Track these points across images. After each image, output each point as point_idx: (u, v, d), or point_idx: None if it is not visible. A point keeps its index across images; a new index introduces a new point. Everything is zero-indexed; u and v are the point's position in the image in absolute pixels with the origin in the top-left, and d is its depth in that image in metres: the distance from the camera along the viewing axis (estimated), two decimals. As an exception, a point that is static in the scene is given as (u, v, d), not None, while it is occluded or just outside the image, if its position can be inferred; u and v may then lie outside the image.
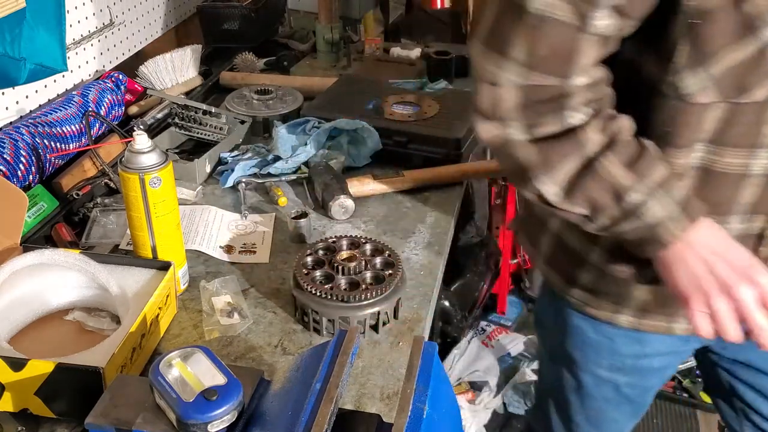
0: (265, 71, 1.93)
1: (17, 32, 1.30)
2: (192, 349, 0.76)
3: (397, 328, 1.06)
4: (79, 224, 1.28)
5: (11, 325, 0.99)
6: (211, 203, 1.36)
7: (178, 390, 0.70)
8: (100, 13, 1.66)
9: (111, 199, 1.35)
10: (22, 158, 1.27)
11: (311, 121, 1.52)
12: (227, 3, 2.02)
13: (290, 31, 2.22)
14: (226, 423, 0.70)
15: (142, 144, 1.01)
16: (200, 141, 1.56)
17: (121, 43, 1.76)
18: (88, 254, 1.03)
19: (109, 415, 0.73)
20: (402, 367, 0.98)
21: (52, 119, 1.39)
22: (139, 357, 0.95)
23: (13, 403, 0.87)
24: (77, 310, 1.05)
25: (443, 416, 0.73)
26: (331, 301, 1.02)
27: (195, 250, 1.21)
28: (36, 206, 1.25)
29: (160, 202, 1.03)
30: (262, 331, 1.06)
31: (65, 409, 0.88)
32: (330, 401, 0.68)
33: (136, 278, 1.05)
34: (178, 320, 1.07)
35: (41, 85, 1.48)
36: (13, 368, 0.85)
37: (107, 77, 1.62)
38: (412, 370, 0.72)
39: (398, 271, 1.06)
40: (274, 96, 1.67)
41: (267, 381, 0.78)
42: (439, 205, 1.37)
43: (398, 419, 0.66)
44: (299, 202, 1.38)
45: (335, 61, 1.94)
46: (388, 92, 1.64)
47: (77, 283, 1.05)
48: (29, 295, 1.02)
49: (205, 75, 1.86)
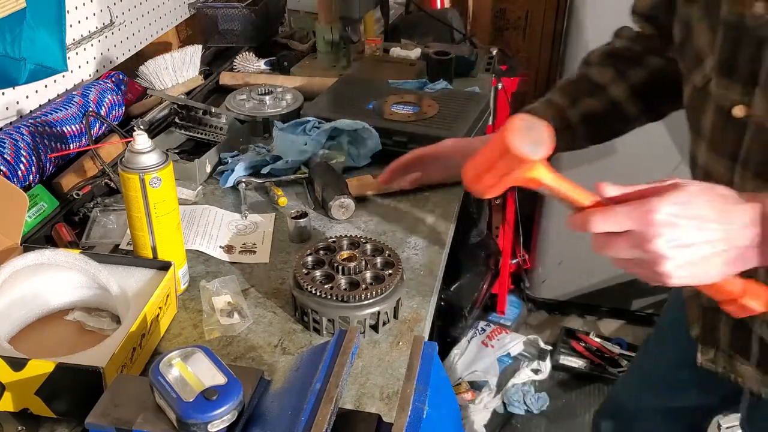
0: (265, 71, 1.93)
1: (17, 32, 1.30)
2: (192, 348, 0.76)
3: (397, 327, 1.07)
4: (79, 224, 1.28)
5: (11, 325, 1.00)
6: (211, 203, 1.36)
7: (178, 390, 0.71)
8: (101, 13, 1.66)
9: (111, 199, 1.35)
10: (22, 158, 1.27)
11: (311, 121, 1.52)
12: (227, 3, 2.02)
13: (290, 31, 2.22)
14: (226, 423, 0.70)
15: (142, 144, 1.01)
16: (200, 141, 1.56)
17: (121, 43, 1.76)
18: (88, 254, 1.03)
19: (109, 414, 0.73)
20: (402, 366, 0.98)
21: (53, 119, 1.39)
22: (139, 357, 0.95)
23: (14, 403, 0.87)
24: (77, 310, 1.05)
25: (443, 416, 0.73)
26: (331, 300, 1.02)
27: (195, 250, 1.21)
28: (36, 206, 1.25)
29: (160, 202, 1.03)
30: (262, 331, 1.06)
31: (65, 408, 0.88)
32: (330, 401, 0.68)
33: (136, 278, 1.05)
34: (178, 320, 1.08)
35: (41, 85, 1.48)
36: (14, 368, 0.85)
37: (107, 77, 1.62)
38: (412, 369, 0.72)
39: (398, 270, 1.06)
40: (274, 96, 1.67)
41: (267, 381, 0.78)
42: (439, 205, 1.37)
43: (398, 419, 0.66)
44: (299, 202, 1.38)
45: (335, 61, 1.94)
46: (388, 92, 1.64)
47: (77, 283, 1.05)
48: (29, 295, 1.02)
49: (205, 75, 1.86)
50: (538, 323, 2.80)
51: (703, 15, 0.90)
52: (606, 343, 2.55)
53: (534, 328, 2.75)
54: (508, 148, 0.69)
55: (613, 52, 1.13)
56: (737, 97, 0.86)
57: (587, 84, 1.09)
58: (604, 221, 0.71)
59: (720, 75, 0.88)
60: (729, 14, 0.85)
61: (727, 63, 0.87)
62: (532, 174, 0.72)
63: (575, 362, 2.53)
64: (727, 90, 0.87)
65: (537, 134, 0.71)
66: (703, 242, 0.72)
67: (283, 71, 1.93)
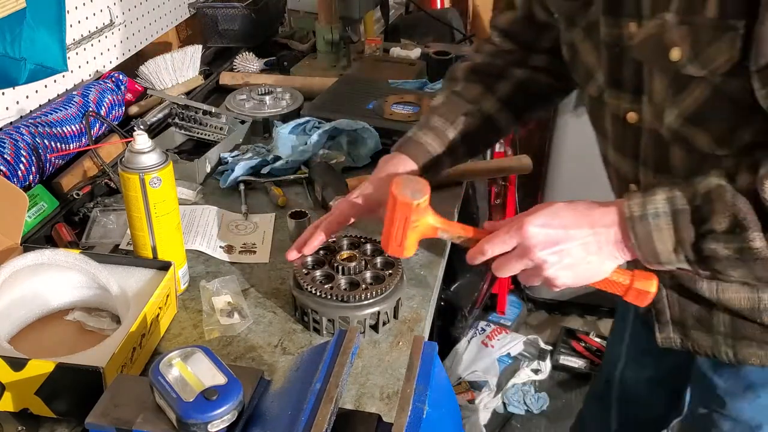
0: (265, 71, 1.93)
1: (17, 32, 1.30)
2: (192, 348, 0.76)
3: (397, 327, 1.07)
4: (79, 224, 1.28)
5: (11, 325, 1.00)
6: (211, 203, 1.36)
7: (178, 390, 0.71)
8: (101, 13, 1.66)
9: (111, 199, 1.35)
10: (22, 158, 1.27)
11: (311, 121, 1.52)
12: (227, 3, 2.02)
13: (290, 31, 2.22)
14: (226, 423, 0.70)
15: (142, 144, 1.01)
16: (200, 141, 1.56)
17: (121, 43, 1.76)
18: (88, 254, 1.03)
19: (109, 414, 0.73)
20: (402, 366, 0.98)
21: (53, 119, 1.39)
22: (139, 357, 0.95)
23: (14, 403, 0.87)
24: (77, 310, 1.05)
25: (443, 416, 0.73)
26: (331, 300, 1.02)
27: (195, 250, 1.21)
28: (36, 206, 1.25)
29: (160, 202, 1.03)
30: (262, 331, 1.06)
31: (65, 408, 0.88)
32: (330, 401, 0.68)
33: (136, 278, 1.05)
34: (178, 320, 1.08)
35: (41, 85, 1.48)
36: (14, 368, 0.85)
37: (107, 77, 1.62)
38: (412, 370, 0.72)
39: (398, 270, 1.06)
40: (274, 96, 1.67)
41: (267, 381, 0.78)
42: (439, 205, 1.35)
43: (398, 419, 0.67)
44: (299, 202, 1.38)
45: (335, 61, 1.94)
46: (388, 92, 1.64)
47: (77, 283, 1.05)
48: (29, 295, 1.02)
49: (205, 75, 1.86)
50: (538, 323, 2.80)
51: (584, 37, 0.97)
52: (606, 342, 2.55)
53: (534, 328, 2.75)
54: (396, 198, 0.88)
55: (477, 68, 1.16)
56: (628, 105, 0.94)
57: (460, 103, 1.13)
58: (492, 244, 0.86)
59: (610, 87, 0.96)
60: (607, 36, 0.92)
61: (613, 77, 0.95)
62: (424, 218, 0.90)
63: (575, 362, 2.53)
64: (618, 100, 0.95)
65: (415, 184, 0.90)
66: (576, 244, 0.83)
67: (283, 71, 1.93)
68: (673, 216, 0.80)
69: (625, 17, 0.89)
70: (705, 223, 0.78)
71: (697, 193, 0.79)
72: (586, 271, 0.85)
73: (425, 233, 0.92)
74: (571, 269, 0.84)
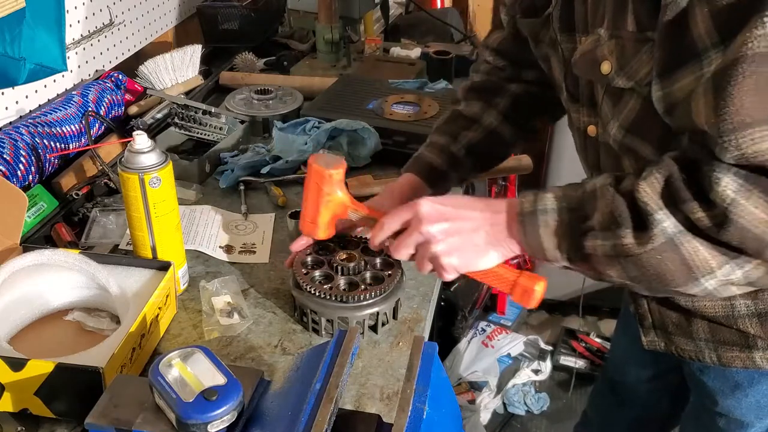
0: (265, 71, 1.93)
1: (17, 32, 1.30)
2: (192, 349, 0.76)
3: (396, 328, 1.06)
4: (78, 224, 1.28)
5: (11, 325, 0.99)
6: (211, 203, 1.36)
7: (178, 390, 0.70)
8: (100, 13, 1.66)
9: (111, 199, 1.35)
10: (21, 158, 1.27)
11: (311, 121, 1.52)
12: (227, 3, 2.02)
13: (290, 31, 2.22)
14: (226, 423, 0.70)
15: (142, 144, 1.01)
16: (200, 141, 1.56)
17: (121, 43, 1.76)
18: (87, 254, 1.03)
19: (108, 415, 0.73)
20: (402, 367, 0.98)
21: (52, 119, 1.39)
22: (139, 357, 0.95)
23: (13, 403, 0.87)
24: (77, 310, 1.05)
25: (443, 416, 0.73)
26: (330, 301, 1.02)
27: (195, 250, 1.21)
28: (36, 206, 1.25)
29: (160, 202, 1.03)
30: (262, 331, 1.06)
31: (65, 409, 0.88)
32: (330, 401, 0.68)
33: (135, 278, 1.05)
34: (178, 320, 1.07)
35: (41, 85, 1.48)
36: (13, 368, 0.85)
37: (107, 77, 1.62)
38: (412, 370, 0.72)
39: (398, 271, 1.06)
40: (274, 96, 1.67)
41: (267, 381, 0.78)
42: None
43: (398, 419, 0.66)
44: (299, 202, 1.37)
45: (335, 61, 1.94)
46: (388, 92, 1.64)
47: (77, 283, 1.04)
48: (29, 295, 1.02)
49: (205, 75, 1.86)
50: (538, 323, 2.79)
51: (551, 52, 1.02)
52: (606, 343, 2.55)
53: (534, 329, 2.75)
54: (311, 166, 0.96)
55: (475, 86, 1.20)
56: (587, 119, 0.99)
57: (461, 120, 1.17)
58: (389, 218, 0.92)
59: (570, 102, 1.01)
60: (565, 51, 0.97)
61: (571, 92, 0.99)
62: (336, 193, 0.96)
63: (575, 362, 2.53)
64: (578, 113, 1.00)
65: (331, 159, 0.97)
66: (465, 224, 0.88)
67: (282, 71, 1.93)
68: (559, 213, 0.83)
69: (578, 33, 0.93)
70: (587, 220, 0.82)
71: (585, 192, 0.83)
72: (474, 256, 0.89)
73: (337, 211, 0.98)
74: (458, 251, 0.88)
